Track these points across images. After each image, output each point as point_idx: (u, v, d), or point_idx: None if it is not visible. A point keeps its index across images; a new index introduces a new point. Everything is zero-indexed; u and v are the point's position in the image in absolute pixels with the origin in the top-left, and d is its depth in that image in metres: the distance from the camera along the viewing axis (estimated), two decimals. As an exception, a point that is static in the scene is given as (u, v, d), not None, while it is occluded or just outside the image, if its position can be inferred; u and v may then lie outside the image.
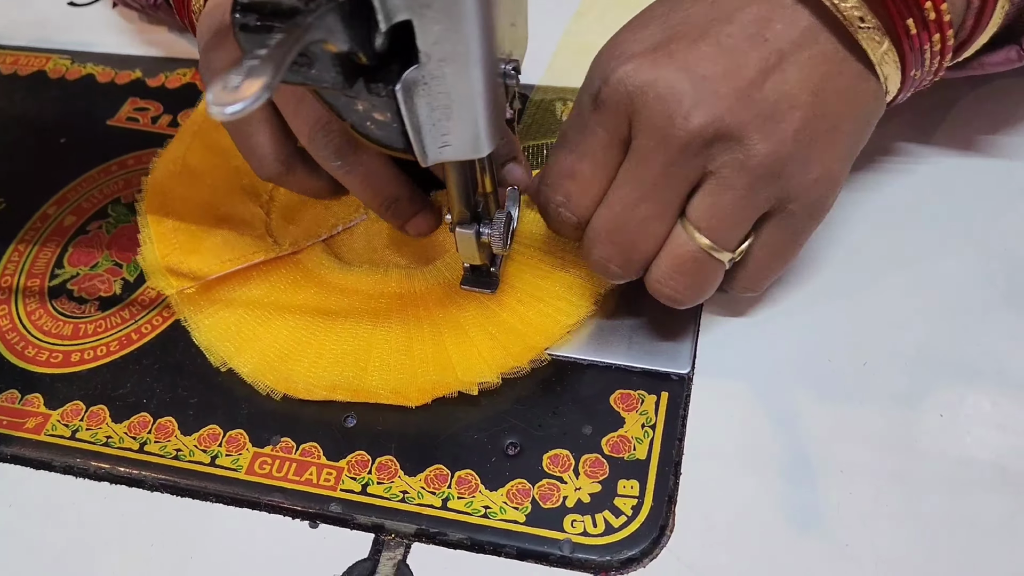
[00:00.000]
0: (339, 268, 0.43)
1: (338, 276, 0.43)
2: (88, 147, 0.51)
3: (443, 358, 0.39)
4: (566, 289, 0.41)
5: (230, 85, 0.21)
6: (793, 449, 0.36)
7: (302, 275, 0.43)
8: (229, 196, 0.46)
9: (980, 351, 0.38)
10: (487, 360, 0.39)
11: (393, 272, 0.43)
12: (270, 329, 0.41)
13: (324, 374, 0.40)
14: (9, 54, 0.58)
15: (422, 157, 0.31)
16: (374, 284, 0.42)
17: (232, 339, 0.41)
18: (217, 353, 0.41)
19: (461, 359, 0.39)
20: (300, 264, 0.44)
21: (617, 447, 0.37)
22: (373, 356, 0.40)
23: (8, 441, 0.40)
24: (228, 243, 0.44)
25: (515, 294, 0.41)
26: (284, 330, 0.41)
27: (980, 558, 0.33)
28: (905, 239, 0.42)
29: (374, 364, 0.40)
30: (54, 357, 0.43)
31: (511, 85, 0.32)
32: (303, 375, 0.40)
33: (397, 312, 0.41)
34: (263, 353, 0.41)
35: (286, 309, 0.42)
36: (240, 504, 0.38)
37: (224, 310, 0.42)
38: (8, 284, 0.46)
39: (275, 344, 0.41)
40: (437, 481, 0.37)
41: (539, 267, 0.41)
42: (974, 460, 0.35)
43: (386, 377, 0.39)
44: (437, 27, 0.27)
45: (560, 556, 0.35)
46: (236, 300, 0.42)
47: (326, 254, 0.44)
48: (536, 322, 0.40)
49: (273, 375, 0.40)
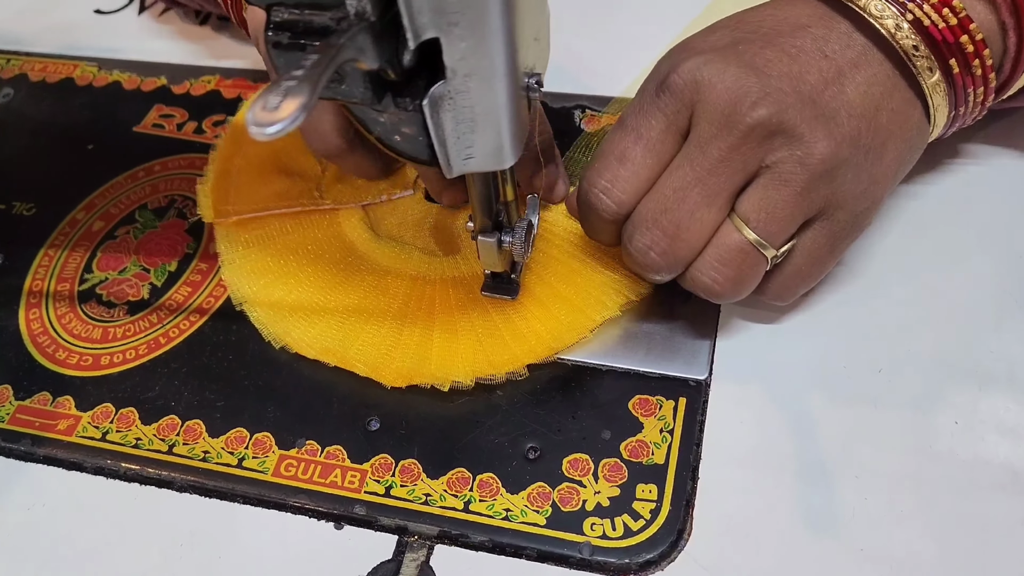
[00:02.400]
0: (369, 237, 0.45)
1: (365, 243, 0.45)
2: (115, 153, 0.52)
3: (424, 351, 0.41)
4: (582, 299, 0.41)
5: (269, 105, 0.22)
6: (809, 454, 0.37)
7: (334, 235, 0.45)
8: (291, 152, 0.49)
9: (993, 357, 0.39)
10: (466, 362, 0.40)
11: (415, 255, 0.44)
12: (287, 282, 0.44)
13: (319, 336, 0.42)
14: (37, 61, 0.59)
15: (447, 169, 0.32)
16: (394, 261, 0.44)
17: (253, 283, 0.44)
18: (236, 292, 0.44)
19: (440, 356, 0.41)
20: (336, 224, 0.46)
21: (636, 452, 0.38)
22: (365, 331, 0.42)
23: (40, 442, 0.41)
24: (277, 191, 0.47)
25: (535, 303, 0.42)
26: (297, 286, 0.44)
27: (993, 560, 0.34)
28: (919, 247, 0.42)
29: (362, 338, 0.42)
30: (84, 360, 0.44)
31: (533, 98, 0.33)
32: (301, 333, 0.42)
33: (403, 295, 0.43)
34: (274, 305, 0.43)
35: (308, 264, 0.44)
36: (266, 505, 0.38)
37: (256, 252, 0.45)
38: (39, 288, 0.47)
39: (287, 298, 0.43)
40: (459, 484, 0.38)
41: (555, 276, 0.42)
42: (988, 464, 0.36)
43: (368, 353, 0.41)
44: (463, 44, 0.28)
45: (580, 559, 0.35)
46: (269, 244, 0.45)
47: (362, 222, 0.46)
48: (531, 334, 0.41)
49: (278, 327, 0.42)
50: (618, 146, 0.36)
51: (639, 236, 0.36)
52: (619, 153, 0.36)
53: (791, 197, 0.34)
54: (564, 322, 0.41)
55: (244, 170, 0.48)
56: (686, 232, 0.35)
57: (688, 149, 0.34)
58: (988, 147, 0.46)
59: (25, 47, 0.60)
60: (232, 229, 0.46)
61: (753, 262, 0.35)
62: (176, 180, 0.50)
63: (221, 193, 0.47)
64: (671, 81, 0.34)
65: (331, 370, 0.41)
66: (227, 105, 0.54)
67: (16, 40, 0.61)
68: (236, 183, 0.48)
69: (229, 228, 0.46)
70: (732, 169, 0.34)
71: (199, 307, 0.45)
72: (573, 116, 0.49)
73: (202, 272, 0.46)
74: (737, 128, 0.33)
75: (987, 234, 0.42)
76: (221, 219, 0.46)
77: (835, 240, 0.36)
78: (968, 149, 0.46)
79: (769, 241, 0.35)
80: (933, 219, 0.43)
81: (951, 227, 0.43)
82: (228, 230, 0.46)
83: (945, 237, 0.43)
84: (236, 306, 0.44)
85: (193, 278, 0.46)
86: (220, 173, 0.48)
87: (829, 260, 0.37)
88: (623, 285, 0.41)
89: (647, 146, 0.35)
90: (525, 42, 0.31)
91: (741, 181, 0.34)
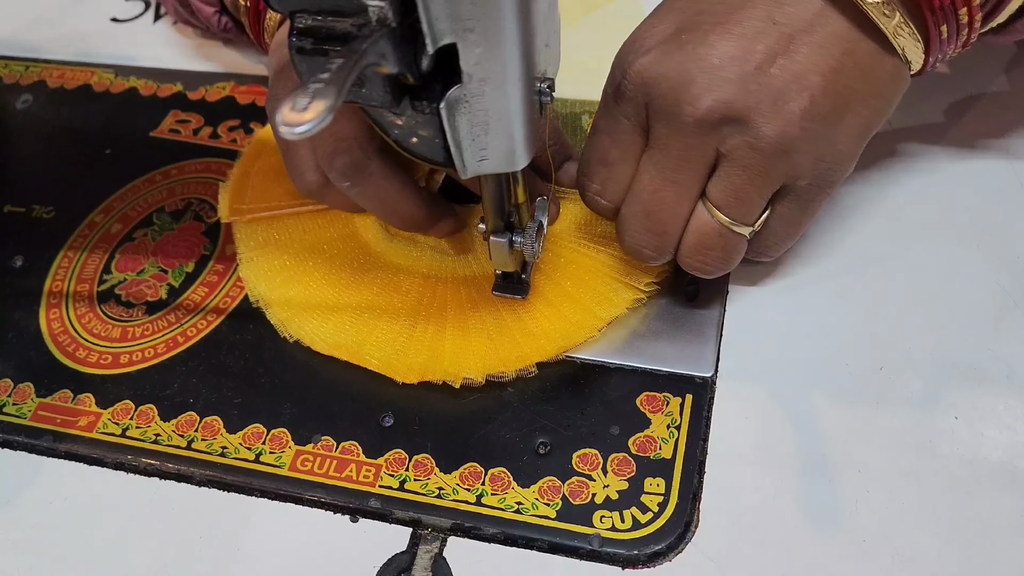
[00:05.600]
0: (383, 237, 0.46)
1: (379, 243, 0.46)
2: (132, 158, 0.53)
3: (436, 348, 0.42)
4: (591, 298, 0.42)
5: (298, 106, 0.23)
6: (812, 449, 0.38)
7: (349, 234, 0.46)
8: None
9: (992, 356, 0.39)
10: (478, 359, 0.41)
11: (427, 254, 0.45)
12: (302, 280, 0.45)
13: (333, 331, 0.43)
14: (55, 68, 0.60)
15: (462, 170, 0.33)
16: (407, 260, 0.45)
17: (269, 281, 0.45)
18: (253, 290, 0.45)
19: (452, 353, 0.42)
20: (351, 224, 0.47)
21: (644, 447, 0.39)
22: (379, 327, 0.43)
23: (62, 439, 0.42)
24: (290, 190, 0.47)
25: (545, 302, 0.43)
26: (312, 284, 0.45)
27: (992, 554, 0.35)
28: (919, 247, 0.43)
29: (376, 335, 0.43)
30: (104, 359, 0.45)
31: (545, 102, 0.34)
32: (315, 328, 0.43)
33: (416, 294, 0.44)
34: (290, 302, 0.44)
35: (324, 263, 0.45)
36: (284, 499, 0.39)
37: (273, 250, 0.46)
38: (59, 289, 0.48)
39: (303, 295, 0.44)
40: (471, 478, 0.39)
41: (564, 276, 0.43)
42: (987, 460, 0.37)
43: (383, 349, 0.42)
44: (479, 49, 0.29)
45: (589, 550, 0.36)
46: (286, 244, 0.46)
47: (376, 222, 0.47)
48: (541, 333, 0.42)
49: (293, 323, 0.44)
50: (598, 151, 0.38)
51: (629, 237, 0.38)
52: (600, 157, 0.38)
53: (752, 180, 0.35)
54: (573, 320, 0.42)
55: (261, 172, 0.49)
56: (671, 227, 0.37)
57: (651, 153, 0.36)
58: (987, 147, 0.47)
59: (43, 55, 0.61)
60: (250, 229, 0.47)
61: (732, 241, 0.37)
62: (193, 184, 0.51)
63: (238, 193, 0.49)
64: (623, 88, 0.36)
65: (346, 368, 0.42)
66: (241, 111, 0.55)
67: (34, 48, 0.62)
68: (253, 184, 0.49)
69: (248, 227, 0.47)
70: (695, 163, 0.36)
71: (216, 307, 0.46)
72: (581, 120, 0.50)
73: (219, 273, 0.47)
74: (686, 124, 0.34)
75: (987, 235, 0.43)
76: (235, 217, 0.48)
77: (806, 204, 0.38)
78: (968, 149, 0.47)
79: (741, 221, 0.37)
80: (933, 221, 0.44)
81: (951, 229, 0.44)
82: (247, 230, 0.47)
83: (945, 239, 0.44)
84: (253, 303, 0.45)
85: (210, 279, 0.47)
86: (239, 176, 0.50)
87: (805, 221, 0.39)
88: (630, 283, 0.42)
89: (622, 148, 0.37)
90: (537, 48, 0.32)
91: (705, 171, 0.36)
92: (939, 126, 0.48)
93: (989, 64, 0.51)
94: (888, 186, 0.46)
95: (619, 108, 0.37)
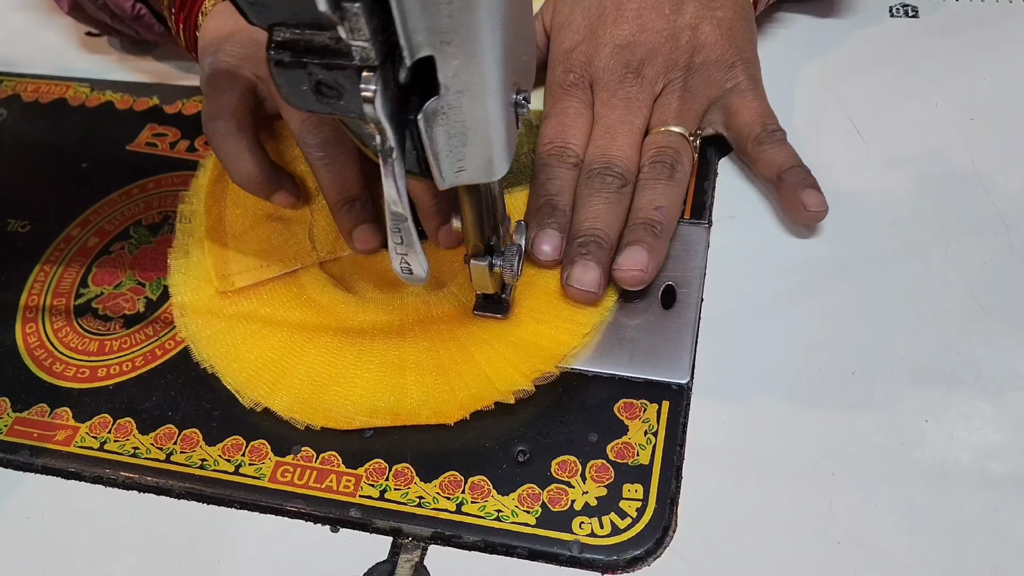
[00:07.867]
0: (356, 303, 0.45)
1: (355, 311, 0.44)
2: (109, 171, 0.54)
3: (477, 371, 0.41)
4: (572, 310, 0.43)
5: None
6: (787, 453, 0.39)
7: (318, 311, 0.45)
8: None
9: (961, 359, 0.40)
10: (518, 368, 0.41)
11: (409, 300, 0.44)
12: (300, 361, 0.43)
13: (361, 401, 0.41)
14: (31, 82, 0.60)
15: (439, 181, 0.34)
16: (392, 314, 0.44)
17: (263, 378, 0.42)
18: (248, 395, 0.42)
19: (494, 371, 0.41)
20: (315, 302, 0.45)
21: (621, 453, 0.39)
22: (409, 379, 0.41)
23: (39, 453, 0.42)
24: (274, 243, 0.47)
25: (528, 315, 0.43)
26: (315, 361, 0.43)
27: (964, 551, 0.35)
28: (889, 254, 0.44)
29: (411, 387, 0.41)
30: (81, 372, 0.45)
31: (522, 113, 0.34)
32: (340, 404, 0.41)
33: (422, 335, 0.43)
34: (296, 388, 0.42)
35: (315, 336, 0.43)
36: (264, 511, 0.39)
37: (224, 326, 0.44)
38: (35, 303, 0.48)
39: (308, 375, 0.42)
40: (451, 487, 0.39)
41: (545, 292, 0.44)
42: (957, 462, 0.38)
43: (426, 398, 0.41)
44: (456, 62, 0.29)
45: (569, 556, 0.37)
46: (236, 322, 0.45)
47: (339, 289, 0.45)
48: (551, 334, 0.42)
49: (309, 409, 0.41)
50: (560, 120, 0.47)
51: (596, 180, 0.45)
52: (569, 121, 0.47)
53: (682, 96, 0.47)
54: (563, 328, 0.42)
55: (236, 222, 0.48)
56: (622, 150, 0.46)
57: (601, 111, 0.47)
58: (953, 155, 0.48)
59: (18, 69, 0.61)
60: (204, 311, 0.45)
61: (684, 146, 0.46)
62: (170, 197, 0.51)
63: (218, 256, 0.47)
64: (572, 80, 0.48)
65: (325, 379, 0.42)
66: (218, 124, 0.55)
67: (8, 62, 0.62)
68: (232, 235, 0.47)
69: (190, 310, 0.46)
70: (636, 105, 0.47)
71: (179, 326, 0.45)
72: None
73: (197, 286, 0.47)
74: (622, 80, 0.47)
75: (954, 242, 0.44)
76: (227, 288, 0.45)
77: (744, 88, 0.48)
78: (935, 157, 0.48)
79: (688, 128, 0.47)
80: (904, 230, 0.45)
81: (921, 238, 0.45)
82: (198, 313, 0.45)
83: (914, 246, 0.44)
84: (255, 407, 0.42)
85: (188, 292, 0.47)
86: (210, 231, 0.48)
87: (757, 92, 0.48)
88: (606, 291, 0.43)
89: (575, 113, 0.47)
90: (513, 61, 0.32)
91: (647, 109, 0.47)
92: (906, 133, 0.49)
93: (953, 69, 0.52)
94: (858, 194, 0.47)
95: (571, 92, 0.48)
